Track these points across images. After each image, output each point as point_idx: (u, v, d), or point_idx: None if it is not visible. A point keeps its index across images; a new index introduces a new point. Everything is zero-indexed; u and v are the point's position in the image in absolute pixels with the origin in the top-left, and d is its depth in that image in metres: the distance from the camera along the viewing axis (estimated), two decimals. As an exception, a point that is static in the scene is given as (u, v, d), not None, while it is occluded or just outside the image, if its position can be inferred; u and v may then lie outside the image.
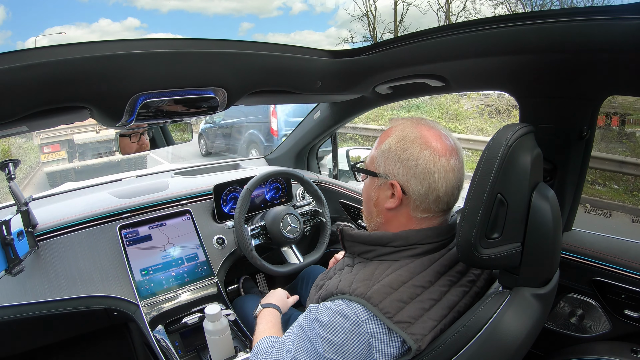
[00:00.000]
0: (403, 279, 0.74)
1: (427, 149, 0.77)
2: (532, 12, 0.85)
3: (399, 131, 0.82)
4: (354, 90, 1.44)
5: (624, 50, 0.80)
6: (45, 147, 6.40)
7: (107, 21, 22.16)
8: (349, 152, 2.31)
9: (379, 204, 0.84)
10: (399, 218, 0.83)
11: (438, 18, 13.71)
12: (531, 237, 0.72)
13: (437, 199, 0.78)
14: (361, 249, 0.84)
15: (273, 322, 1.10)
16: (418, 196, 0.78)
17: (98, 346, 1.66)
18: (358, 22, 14.81)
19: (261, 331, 1.06)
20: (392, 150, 0.80)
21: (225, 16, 23.98)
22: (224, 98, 1.14)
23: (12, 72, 0.76)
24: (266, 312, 1.15)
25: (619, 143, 6.26)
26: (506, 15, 0.91)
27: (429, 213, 0.81)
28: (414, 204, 0.80)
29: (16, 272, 1.18)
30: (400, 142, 0.80)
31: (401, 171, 0.79)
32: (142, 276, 1.43)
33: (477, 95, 9.07)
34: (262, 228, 1.59)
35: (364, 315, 0.71)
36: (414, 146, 0.78)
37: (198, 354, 1.35)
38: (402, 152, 0.79)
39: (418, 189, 0.78)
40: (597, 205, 5.19)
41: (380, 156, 0.82)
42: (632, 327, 1.04)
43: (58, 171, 6.52)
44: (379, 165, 0.82)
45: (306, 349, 0.75)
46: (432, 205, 0.79)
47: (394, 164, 0.80)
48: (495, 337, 0.69)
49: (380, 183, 0.83)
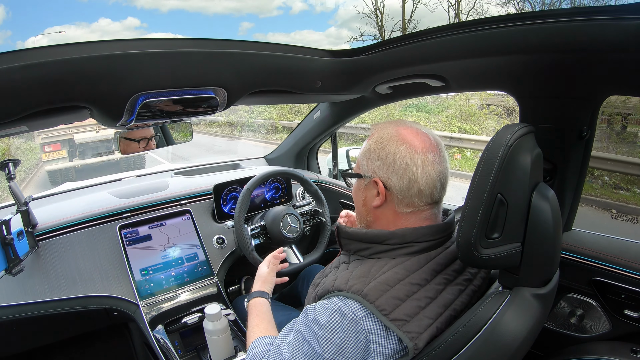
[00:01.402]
0: (399, 277, 0.75)
1: (402, 145, 0.80)
2: (532, 12, 0.85)
3: (377, 132, 0.86)
4: (354, 90, 1.44)
5: (624, 50, 0.80)
6: (47, 146, 6.57)
7: (107, 21, 22.19)
8: (348, 152, 2.31)
9: (367, 203, 0.87)
10: (386, 214, 0.84)
11: (448, 16, 13.62)
12: (531, 237, 0.72)
13: (419, 192, 0.80)
14: (357, 247, 0.85)
15: (262, 315, 1.07)
16: (400, 191, 0.80)
17: (98, 346, 1.66)
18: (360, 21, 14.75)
19: (252, 328, 1.03)
20: (372, 150, 0.84)
21: (225, 16, 24.00)
22: (224, 98, 1.14)
23: (12, 72, 0.76)
24: (254, 303, 1.12)
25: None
26: (506, 15, 0.91)
27: (413, 207, 0.82)
28: (397, 199, 0.82)
29: (16, 271, 1.18)
30: (379, 142, 0.83)
31: (382, 168, 0.82)
32: (142, 276, 1.43)
33: (488, 94, 9.09)
34: (262, 228, 1.59)
35: (361, 313, 0.71)
36: (390, 144, 0.82)
37: (198, 353, 1.35)
38: (380, 151, 0.82)
39: (399, 183, 0.80)
40: (624, 211, 5.10)
41: (363, 157, 0.87)
42: (632, 327, 1.04)
43: (59, 170, 6.75)
44: (363, 166, 0.86)
45: (304, 351, 0.75)
46: (416, 199, 0.81)
47: (374, 163, 0.83)
48: (495, 337, 0.70)
49: (366, 183, 0.86)
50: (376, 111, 9.32)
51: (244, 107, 12.51)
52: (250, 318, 1.07)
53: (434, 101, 9.95)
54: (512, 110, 8.58)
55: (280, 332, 0.86)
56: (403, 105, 10.22)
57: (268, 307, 1.11)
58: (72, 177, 6.81)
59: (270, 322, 1.05)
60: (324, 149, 2.30)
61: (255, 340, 0.94)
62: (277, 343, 0.83)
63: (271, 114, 12.16)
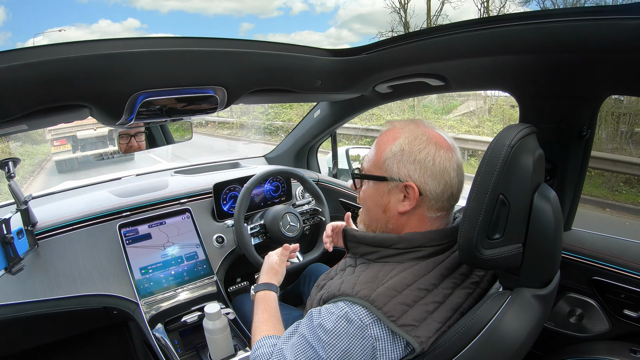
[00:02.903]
0: (407, 282, 0.74)
1: (441, 149, 0.78)
2: (532, 11, 0.85)
3: (407, 132, 0.81)
4: (354, 89, 1.44)
5: (624, 50, 0.80)
6: (55, 141, 8.39)
7: (107, 22, 22.15)
8: (348, 151, 2.31)
9: (390, 209, 0.82)
10: (411, 221, 0.81)
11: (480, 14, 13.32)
12: (532, 238, 0.72)
13: (450, 196, 0.80)
14: (364, 250, 0.84)
15: (271, 311, 1.03)
16: (434, 195, 0.78)
17: (98, 345, 1.67)
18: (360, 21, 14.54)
19: (259, 325, 0.99)
20: (405, 152, 0.79)
21: (225, 16, 23.97)
22: (223, 97, 1.13)
23: (12, 71, 0.76)
24: (262, 296, 1.07)
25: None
26: (506, 15, 0.91)
27: (442, 211, 0.81)
28: (429, 204, 0.79)
29: (16, 270, 1.18)
30: (414, 143, 0.79)
31: (418, 172, 0.78)
32: (141, 275, 1.42)
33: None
34: (262, 227, 1.59)
35: (368, 319, 0.70)
36: (429, 146, 0.78)
37: (197, 352, 1.35)
38: (417, 153, 0.78)
39: (435, 188, 0.78)
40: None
41: (392, 159, 0.80)
42: (631, 326, 1.04)
43: (64, 160, 8.65)
44: (391, 168, 0.80)
45: (307, 356, 0.74)
46: (446, 203, 0.80)
47: (409, 166, 0.78)
48: (496, 338, 0.70)
49: (391, 187, 0.81)
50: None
51: (257, 107, 12.20)
52: (257, 312, 1.03)
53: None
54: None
55: (283, 333, 0.85)
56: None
57: (276, 303, 1.07)
58: (75, 166, 8.79)
59: (279, 319, 1.02)
60: (323, 149, 2.30)
61: (261, 339, 0.91)
62: (280, 345, 0.81)
63: (290, 115, 11.68)
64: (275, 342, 0.89)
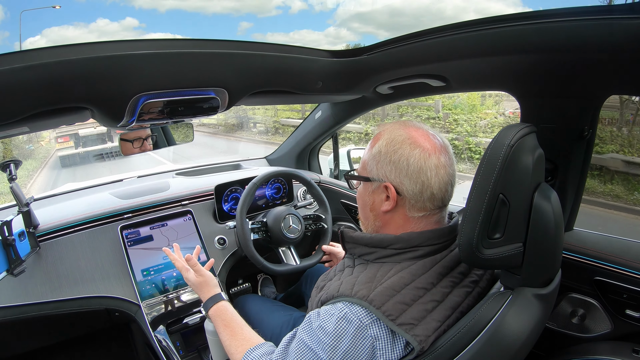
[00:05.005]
0: (405, 281, 0.74)
1: (416, 148, 0.78)
2: (533, 12, 0.84)
3: (387, 134, 0.83)
4: (355, 90, 1.44)
5: (624, 50, 0.80)
6: (59, 138, 9.42)
7: (105, 21, 22.27)
8: (350, 152, 2.31)
9: (375, 208, 0.85)
10: (396, 219, 0.83)
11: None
12: (533, 238, 0.72)
13: (431, 196, 0.79)
14: (362, 251, 0.84)
15: (230, 324, 1.01)
16: (412, 195, 0.79)
17: (99, 346, 1.67)
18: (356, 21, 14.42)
19: (231, 341, 0.97)
20: (382, 153, 0.81)
21: (224, 15, 24.07)
22: (225, 98, 1.14)
23: (13, 73, 0.76)
24: (215, 312, 1.05)
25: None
26: (507, 15, 0.91)
27: (425, 211, 0.81)
28: (409, 204, 0.80)
29: (17, 272, 1.18)
30: (390, 145, 0.81)
31: (394, 173, 0.79)
32: (143, 276, 1.43)
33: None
34: (263, 224, 1.58)
35: (367, 319, 0.71)
36: (403, 147, 0.79)
37: (199, 354, 1.35)
38: (392, 154, 0.80)
39: (412, 188, 0.78)
40: None
41: (372, 160, 0.83)
42: (634, 327, 1.04)
43: (67, 155, 9.53)
44: (371, 169, 0.83)
45: (308, 359, 0.74)
46: (428, 203, 0.80)
47: (385, 167, 0.80)
48: (497, 338, 0.69)
49: (374, 187, 0.84)
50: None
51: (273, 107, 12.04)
52: (219, 332, 1.01)
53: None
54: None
55: (281, 342, 0.82)
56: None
57: (232, 310, 1.05)
58: (77, 161, 9.50)
59: (241, 325, 1.01)
60: (324, 149, 2.30)
61: (247, 353, 0.89)
62: (278, 353, 0.80)
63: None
64: (268, 350, 0.87)
